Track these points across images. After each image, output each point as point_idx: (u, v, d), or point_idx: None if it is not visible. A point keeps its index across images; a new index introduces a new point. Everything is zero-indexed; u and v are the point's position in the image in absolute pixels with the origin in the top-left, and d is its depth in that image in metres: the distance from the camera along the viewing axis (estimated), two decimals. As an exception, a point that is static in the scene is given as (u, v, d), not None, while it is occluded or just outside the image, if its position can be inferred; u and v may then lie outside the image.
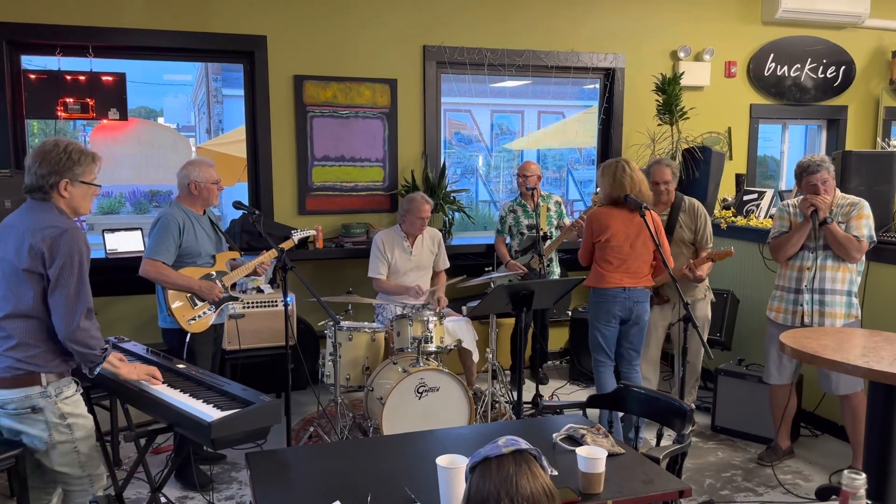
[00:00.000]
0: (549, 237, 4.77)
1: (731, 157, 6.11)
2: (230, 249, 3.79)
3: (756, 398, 4.15)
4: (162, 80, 14.40)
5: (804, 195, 3.66)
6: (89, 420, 2.57)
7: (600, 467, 1.98)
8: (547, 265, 4.72)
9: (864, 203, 3.61)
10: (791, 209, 3.77)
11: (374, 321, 4.59)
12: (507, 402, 4.55)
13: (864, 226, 3.56)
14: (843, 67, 6.40)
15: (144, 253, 3.48)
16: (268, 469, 2.18)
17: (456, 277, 4.73)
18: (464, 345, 4.34)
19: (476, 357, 4.49)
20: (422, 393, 3.68)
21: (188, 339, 3.46)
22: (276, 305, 4.52)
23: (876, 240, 3.62)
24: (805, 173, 3.63)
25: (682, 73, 5.67)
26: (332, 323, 3.89)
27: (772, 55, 6.20)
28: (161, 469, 3.41)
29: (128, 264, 4.34)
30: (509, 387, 4.76)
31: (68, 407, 2.48)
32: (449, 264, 4.78)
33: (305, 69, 5.08)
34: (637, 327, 3.89)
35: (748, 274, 4.79)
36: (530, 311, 4.11)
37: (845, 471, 1.67)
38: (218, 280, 3.57)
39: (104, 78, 4.69)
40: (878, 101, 6.55)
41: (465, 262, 5.31)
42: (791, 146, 6.87)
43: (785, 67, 6.25)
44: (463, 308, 4.67)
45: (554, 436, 2.35)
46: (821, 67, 6.35)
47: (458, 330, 4.32)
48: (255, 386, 2.65)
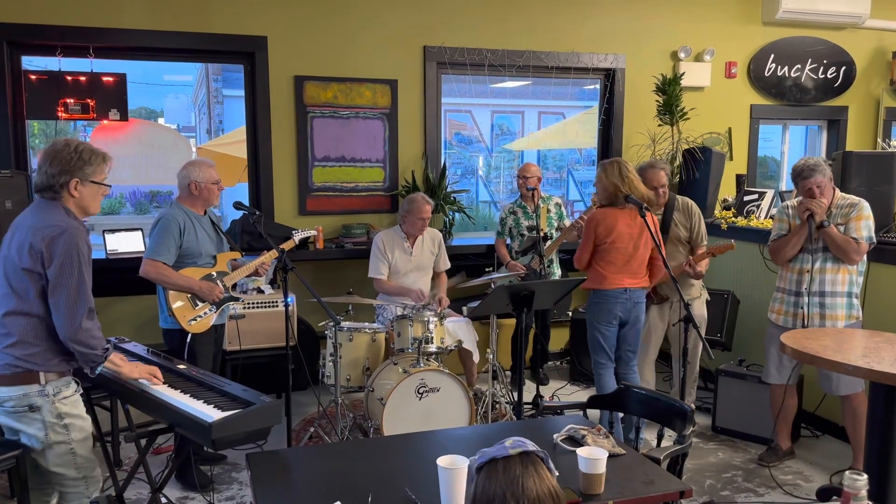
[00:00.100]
0: (549, 238, 4.77)
1: (731, 158, 6.11)
2: (231, 250, 3.79)
3: (756, 399, 4.15)
4: (162, 81, 14.42)
5: (801, 198, 3.65)
6: (87, 422, 2.56)
7: (601, 468, 1.98)
8: (547, 266, 4.72)
9: (864, 204, 3.58)
10: (790, 211, 3.76)
11: (375, 322, 4.59)
12: (507, 402, 4.55)
13: (864, 227, 3.53)
14: (843, 68, 6.39)
15: (145, 253, 3.48)
16: (268, 469, 2.18)
17: (455, 276, 4.72)
18: (464, 345, 4.34)
19: (476, 358, 4.49)
20: (422, 393, 3.68)
21: (189, 339, 3.46)
22: (277, 306, 4.52)
23: (875, 241, 3.60)
24: (799, 178, 3.60)
25: (683, 73, 5.68)
26: (332, 323, 3.89)
27: (772, 56, 6.20)
28: (161, 469, 3.41)
29: (128, 265, 4.35)
30: (510, 387, 4.76)
31: (66, 407, 2.48)
32: (450, 265, 4.78)
33: (306, 70, 5.08)
34: (635, 328, 3.90)
35: (748, 274, 4.79)
36: (531, 312, 4.11)
37: (847, 472, 1.68)
38: (219, 280, 3.57)
39: (105, 78, 4.69)
40: (878, 101, 6.55)
41: (466, 262, 5.31)
42: (791, 147, 6.87)
43: (785, 68, 6.25)
44: (463, 308, 4.67)
45: (554, 436, 2.35)
46: (821, 68, 6.35)
47: (458, 330, 4.32)
48: (255, 386, 2.65)
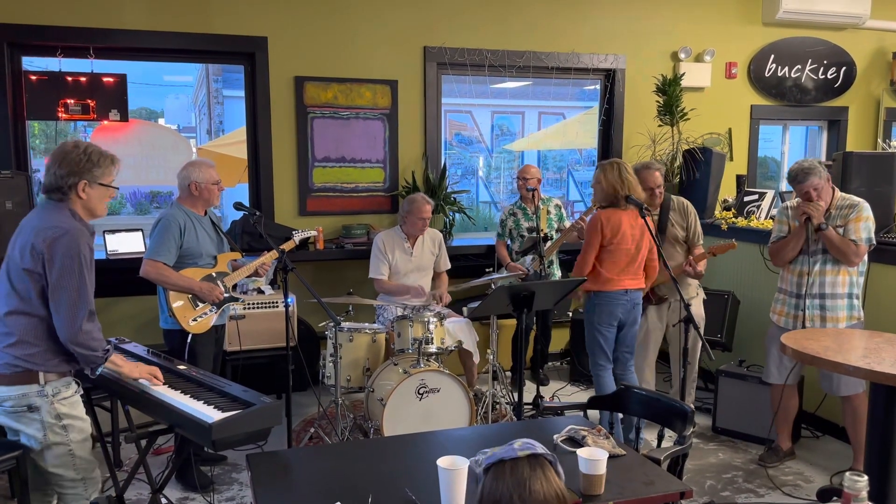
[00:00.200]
0: (549, 239, 4.77)
1: (731, 158, 6.11)
2: (231, 250, 3.79)
3: (757, 399, 4.15)
4: (162, 82, 14.41)
5: (800, 200, 3.64)
6: (86, 423, 2.56)
7: (601, 469, 1.98)
8: (548, 266, 4.72)
9: (864, 204, 3.56)
10: (790, 212, 3.75)
11: (375, 322, 4.59)
12: (507, 403, 4.54)
13: (863, 229, 3.51)
14: (843, 68, 6.39)
15: (145, 254, 3.48)
16: (268, 470, 2.18)
17: (459, 279, 4.72)
18: (464, 346, 4.34)
19: (477, 358, 4.48)
20: (422, 394, 3.68)
21: (189, 340, 3.46)
22: (277, 306, 4.52)
23: (875, 242, 3.58)
24: (794, 183, 3.58)
25: (683, 73, 5.68)
26: (332, 324, 3.88)
27: (772, 56, 6.20)
28: (162, 470, 3.41)
29: (128, 265, 4.35)
30: (510, 388, 4.76)
31: (65, 408, 2.47)
32: (450, 265, 4.78)
33: (306, 70, 5.08)
34: (632, 330, 3.90)
35: (749, 275, 4.79)
36: (531, 313, 4.11)
37: (847, 472, 1.67)
38: (219, 281, 3.57)
39: (105, 79, 4.69)
40: (878, 101, 6.55)
41: (466, 262, 5.31)
42: (792, 147, 6.87)
43: (785, 68, 6.25)
44: (464, 309, 4.67)
45: (555, 437, 2.35)
46: (821, 68, 6.35)
47: (458, 331, 4.32)
48: (255, 387, 2.65)
